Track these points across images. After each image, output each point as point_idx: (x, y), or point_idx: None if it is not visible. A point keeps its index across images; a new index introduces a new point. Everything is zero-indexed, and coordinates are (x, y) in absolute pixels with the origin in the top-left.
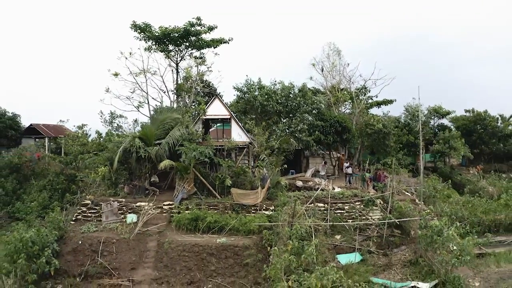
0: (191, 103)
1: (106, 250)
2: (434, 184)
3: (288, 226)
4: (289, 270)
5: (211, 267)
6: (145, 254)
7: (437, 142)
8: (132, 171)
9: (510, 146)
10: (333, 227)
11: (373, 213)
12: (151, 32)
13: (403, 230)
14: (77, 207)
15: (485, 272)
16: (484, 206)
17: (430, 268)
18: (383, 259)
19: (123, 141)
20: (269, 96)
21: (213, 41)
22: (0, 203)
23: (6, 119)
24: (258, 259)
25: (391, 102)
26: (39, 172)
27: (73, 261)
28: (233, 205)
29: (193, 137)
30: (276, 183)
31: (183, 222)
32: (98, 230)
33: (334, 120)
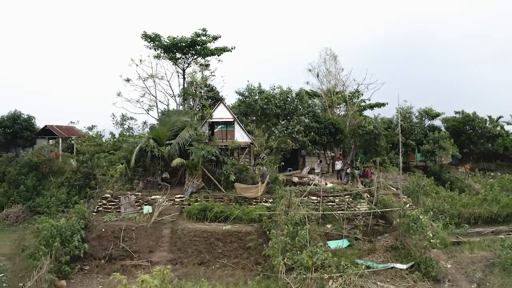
0: (196, 106)
1: (127, 236)
2: (417, 181)
3: (285, 215)
4: (284, 250)
5: (218, 250)
6: (160, 239)
7: (427, 142)
8: (146, 168)
9: (497, 146)
10: (324, 217)
11: (361, 205)
12: (161, 42)
13: (386, 220)
14: (98, 200)
15: (459, 257)
16: (463, 200)
17: (408, 252)
18: (368, 245)
19: (138, 141)
20: (269, 100)
21: (217, 49)
22: (21, 199)
23: (22, 121)
24: (259, 243)
25: (384, 105)
26: (56, 170)
27: (98, 246)
28: (236, 197)
29: (201, 138)
30: (275, 179)
31: (193, 212)
32: (118, 220)
33: (328, 122)
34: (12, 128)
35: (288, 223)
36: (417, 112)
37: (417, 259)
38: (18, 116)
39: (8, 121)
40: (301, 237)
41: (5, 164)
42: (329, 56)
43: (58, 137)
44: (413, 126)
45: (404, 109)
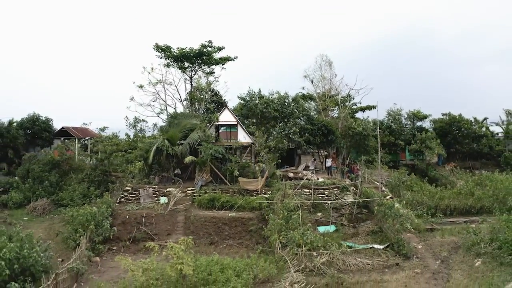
0: (202, 109)
1: (147, 222)
2: (399, 176)
3: (281, 203)
4: (280, 231)
5: (225, 232)
6: (176, 224)
7: (415, 142)
8: (161, 165)
9: (482, 146)
10: (315, 206)
11: (347, 197)
12: (171, 52)
13: (368, 209)
14: (120, 193)
15: (430, 241)
16: (440, 194)
17: (385, 235)
18: (352, 230)
19: (154, 141)
20: (268, 104)
21: (221, 59)
22: (46, 193)
23: (41, 123)
24: (259, 227)
25: (374, 108)
26: (75, 168)
27: (123, 230)
28: (240, 189)
29: (209, 139)
30: (273, 174)
31: (203, 202)
32: (139, 209)
33: (321, 124)
34: (31, 129)
35: (283, 209)
36: (406, 114)
37: (392, 240)
38: (36, 118)
39: (28, 123)
40: (294, 220)
41: (28, 163)
42: (325, 62)
43: (73, 137)
44: (402, 127)
45: (394, 111)
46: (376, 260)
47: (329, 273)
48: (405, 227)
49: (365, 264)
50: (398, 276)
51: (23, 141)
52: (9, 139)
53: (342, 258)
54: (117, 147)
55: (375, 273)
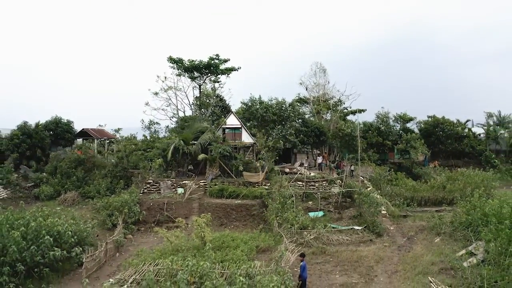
0: (209, 113)
1: (168, 208)
2: (380, 172)
3: (278, 192)
4: (277, 213)
5: (232, 216)
6: (192, 210)
7: (401, 143)
8: (177, 161)
9: (464, 146)
10: (307, 196)
11: (334, 188)
12: (183, 64)
13: (351, 198)
14: (143, 185)
15: (402, 224)
16: (415, 187)
17: (364, 219)
18: (337, 215)
19: (171, 142)
20: (267, 109)
21: (227, 69)
22: (74, 187)
23: (63, 125)
24: (260, 211)
25: (364, 111)
26: (98, 165)
27: (148, 215)
28: (244, 182)
29: (217, 139)
30: (271, 169)
31: (213, 192)
32: (160, 198)
33: (314, 127)
34: (55, 131)
35: (280, 197)
36: (393, 116)
37: (368, 222)
38: (59, 121)
39: (51, 125)
40: (288, 205)
41: (55, 160)
42: (319, 70)
43: (92, 137)
44: (390, 128)
45: (382, 114)
46: (354, 237)
47: (315, 245)
48: (378, 211)
49: (344, 239)
50: (370, 248)
51: (48, 141)
52: (37, 140)
53: (327, 235)
54: (136, 146)
55: (352, 246)
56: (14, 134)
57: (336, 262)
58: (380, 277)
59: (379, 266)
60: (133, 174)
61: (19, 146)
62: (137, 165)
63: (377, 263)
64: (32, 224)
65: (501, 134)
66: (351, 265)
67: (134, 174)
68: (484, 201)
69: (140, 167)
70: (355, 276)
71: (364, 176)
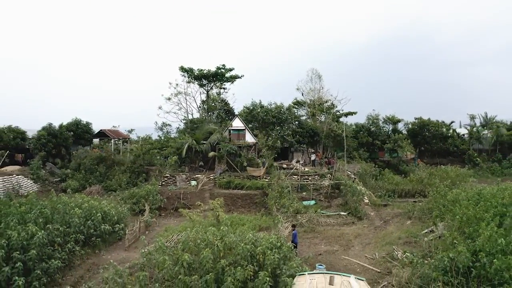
0: (215, 116)
1: (184, 197)
2: (366, 168)
3: (276, 183)
4: (275, 201)
5: (238, 203)
6: (204, 198)
7: (389, 142)
8: (190, 158)
9: (448, 145)
10: (301, 188)
11: (324, 181)
12: (193, 73)
13: (339, 190)
14: (161, 178)
15: (382, 211)
16: (396, 181)
17: (348, 206)
18: (327, 204)
19: (184, 141)
20: (267, 112)
21: (231, 77)
22: (97, 181)
23: (83, 126)
24: (261, 200)
25: (355, 113)
26: (117, 162)
27: (168, 203)
28: (247, 176)
29: (224, 139)
30: (271, 165)
31: (222, 184)
32: (177, 189)
33: (309, 128)
34: (75, 131)
35: (278, 187)
36: (383, 118)
37: (351, 208)
38: (78, 122)
39: (72, 126)
40: (285, 194)
41: (78, 158)
42: (315, 75)
43: (108, 137)
44: (380, 129)
45: (373, 116)
46: (339, 220)
47: (307, 225)
48: (360, 199)
49: (331, 222)
50: (351, 228)
51: (71, 141)
52: (62, 140)
53: (317, 218)
54: (151, 145)
55: (337, 226)
56: (41, 134)
57: (323, 237)
58: (355, 246)
59: (357, 240)
60: (148, 170)
61: (45, 145)
62: (151, 162)
63: (355, 238)
64: (85, 205)
65: (484, 135)
66: (334, 239)
67: (149, 170)
68: (448, 191)
69: (156, 163)
70: (336, 246)
71: (352, 172)
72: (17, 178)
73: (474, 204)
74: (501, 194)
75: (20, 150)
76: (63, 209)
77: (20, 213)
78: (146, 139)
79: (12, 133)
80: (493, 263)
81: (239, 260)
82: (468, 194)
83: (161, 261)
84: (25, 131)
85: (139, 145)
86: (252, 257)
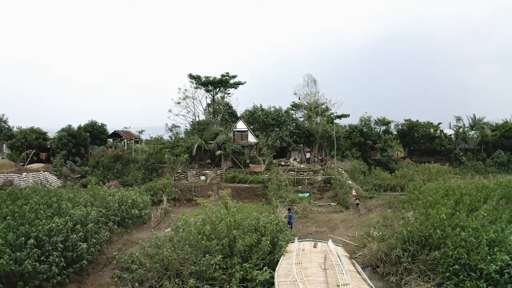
0: (220, 119)
1: (195, 190)
2: (355, 165)
3: (275, 178)
4: (274, 192)
5: (242, 195)
6: (212, 191)
7: (380, 142)
8: (200, 156)
9: (436, 145)
10: (297, 182)
11: (318, 176)
12: (200, 80)
13: (330, 184)
14: (174, 174)
15: (367, 202)
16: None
17: (338, 198)
18: (319, 196)
19: (194, 141)
20: (267, 115)
21: (235, 83)
22: (115, 177)
23: (98, 127)
24: (262, 192)
25: (348, 116)
26: (132, 159)
27: (181, 195)
28: (250, 171)
29: (230, 140)
30: (270, 163)
31: (228, 178)
32: (188, 183)
33: (305, 130)
34: (91, 132)
35: (277, 181)
36: (374, 120)
37: (340, 199)
38: (94, 124)
39: (89, 128)
40: (283, 186)
41: (96, 156)
42: (310, 80)
43: (122, 138)
44: (372, 130)
45: (365, 118)
46: (329, 209)
47: (301, 213)
48: (348, 191)
49: (322, 211)
50: (339, 215)
51: (89, 141)
52: (81, 140)
53: (310, 208)
54: (163, 145)
55: (326, 214)
56: (62, 135)
57: (314, 222)
58: (340, 228)
59: (342, 224)
60: (160, 167)
61: (66, 145)
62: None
63: (341, 222)
64: (118, 194)
65: (470, 135)
66: (323, 223)
67: (161, 167)
68: (422, 184)
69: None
70: (324, 228)
71: (343, 168)
72: (44, 174)
73: (443, 195)
74: (465, 186)
75: (42, 149)
76: (103, 195)
77: (70, 199)
78: (158, 139)
79: (35, 133)
80: (437, 233)
81: (246, 231)
82: (437, 187)
83: (188, 231)
84: (46, 132)
85: (152, 144)
86: (256, 229)
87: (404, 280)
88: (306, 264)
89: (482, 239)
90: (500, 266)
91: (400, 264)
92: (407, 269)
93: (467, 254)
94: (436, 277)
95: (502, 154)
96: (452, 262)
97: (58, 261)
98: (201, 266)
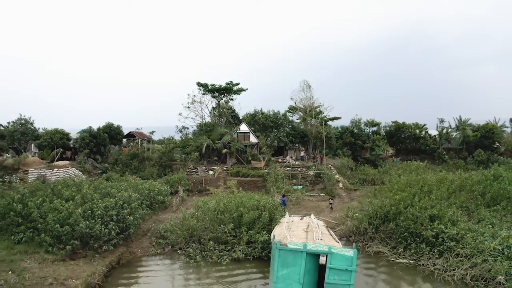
0: (224, 121)
1: (205, 183)
2: (344, 162)
3: (273, 172)
4: (273, 184)
5: (245, 187)
6: (219, 183)
7: (369, 142)
8: (208, 154)
9: (421, 145)
10: (292, 176)
11: (310, 171)
12: (207, 87)
13: (321, 178)
14: (186, 169)
15: (352, 193)
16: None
17: (327, 190)
18: (311, 188)
19: (203, 141)
20: (266, 118)
21: (238, 90)
22: (132, 173)
23: (114, 128)
24: (262, 184)
25: (340, 118)
26: (147, 157)
27: (193, 187)
28: (252, 167)
29: (234, 140)
30: (269, 160)
31: (233, 173)
32: (199, 177)
33: (300, 131)
34: (109, 133)
35: (275, 175)
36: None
37: (328, 190)
38: (111, 125)
39: (106, 129)
40: (280, 179)
41: (115, 154)
42: (306, 86)
43: (136, 138)
44: (362, 131)
45: (356, 119)
46: (318, 198)
47: (294, 201)
48: (334, 183)
49: (312, 199)
50: (325, 203)
51: (108, 141)
52: (101, 140)
53: (302, 197)
54: (175, 144)
55: (315, 201)
56: (84, 135)
57: (304, 207)
58: (325, 212)
59: (327, 209)
60: (171, 164)
61: (88, 144)
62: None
63: (327, 208)
64: (145, 184)
65: (452, 135)
66: (312, 208)
67: (172, 164)
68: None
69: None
70: (312, 212)
71: (333, 165)
72: (72, 169)
73: (409, 185)
74: (431, 178)
75: (66, 148)
76: (135, 184)
77: (110, 186)
78: (170, 139)
79: (59, 134)
80: (392, 210)
81: (250, 209)
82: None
83: (206, 208)
84: (68, 132)
85: (165, 144)
86: (257, 208)
87: (368, 245)
88: (293, 229)
89: (425, 214)
90: (436, 232)
91: (366, 234)
92: (371, 237)
93: (414, 225)
94: (391, 242)
95: (482, 153)
96: (403, 230)
97: (114, 227)
98: (217, 233)
